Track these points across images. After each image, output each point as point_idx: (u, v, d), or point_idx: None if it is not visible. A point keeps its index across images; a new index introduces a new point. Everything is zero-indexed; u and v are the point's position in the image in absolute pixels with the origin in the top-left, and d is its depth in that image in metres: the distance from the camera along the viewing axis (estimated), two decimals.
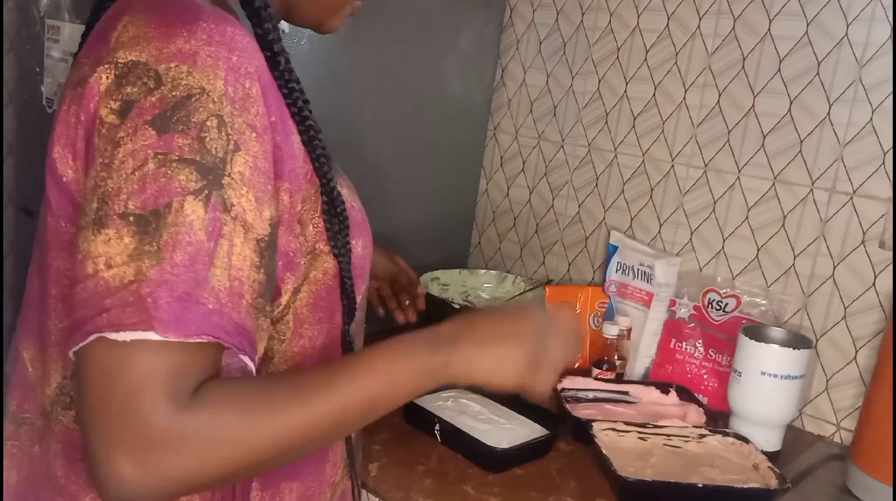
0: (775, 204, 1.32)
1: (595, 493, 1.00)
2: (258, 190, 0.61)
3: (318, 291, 0.72)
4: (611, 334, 1.33)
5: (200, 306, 0.56)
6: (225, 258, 0.58)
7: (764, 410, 1.13)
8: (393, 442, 1.08)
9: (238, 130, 0.60)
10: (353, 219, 0.74)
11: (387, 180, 1.49)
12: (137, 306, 0.54)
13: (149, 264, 0.55)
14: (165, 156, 0.57)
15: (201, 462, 0.55)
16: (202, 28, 0.61)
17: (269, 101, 0.64)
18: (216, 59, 0.60)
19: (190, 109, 0.59)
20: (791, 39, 1.28)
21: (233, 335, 0.58)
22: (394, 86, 1.46)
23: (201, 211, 0.57)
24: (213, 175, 0.58)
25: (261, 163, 0.61)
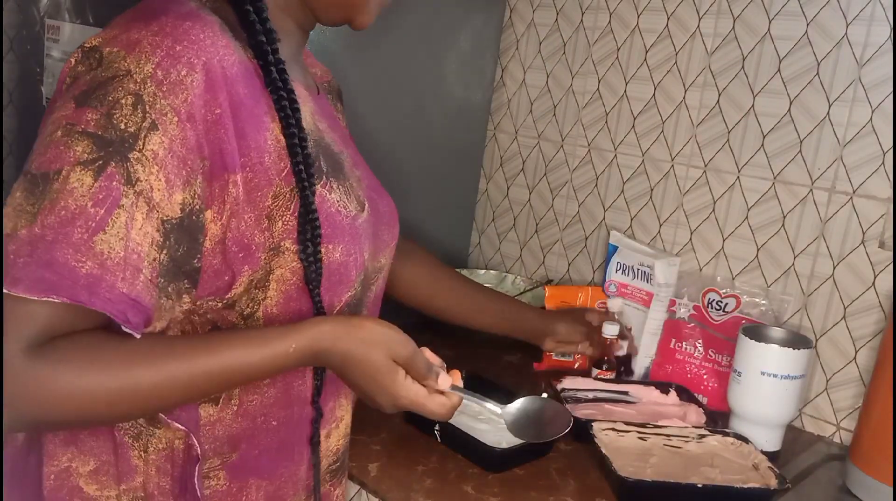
0: (775, 204, 1.32)
1: (595, 493, 1.01)
2: (170, 172, 0.63)
3: (287, 291, 0.72)
4: (611, 334, 1.33)
5: (66, 267, 0.59)
6: (122, 229, 0.61)
7: (764, 410, 1.13)
8: (393, 442, 1.08)
9: (159, 110, 0.63)
10: (334, 222, 0.74)
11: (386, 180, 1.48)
12: (3, 261, 0.60)
13: (23, 223, 0.60)
14: (72, 127, 0.63)
15: (38, 406, 0.60)
16: (159, 21, 0.65)
17: (218, 94, 0.65)
18: (155, 46, 0.64)
19: (109, 88, 0.63)
20: (791, 39, 1.28)
21: (110, 301, 0.61)
22: (394, 86, 1.46)
23: (89, 180, 0.60)
24: (114, 148, 0.61)
25: (177, 147, 0.63)
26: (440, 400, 0.78)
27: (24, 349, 0.59)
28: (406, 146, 1.51)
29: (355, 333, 0.73)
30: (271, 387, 0.76)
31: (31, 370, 0.59)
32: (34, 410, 0.61)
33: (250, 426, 0.75)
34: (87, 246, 0.60)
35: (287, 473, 0.79)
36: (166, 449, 0.72)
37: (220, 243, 0.67)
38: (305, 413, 0.79)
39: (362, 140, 1.43)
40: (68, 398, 0.61)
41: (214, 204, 0.66)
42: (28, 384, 0.59)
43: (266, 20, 0.71)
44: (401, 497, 0.95)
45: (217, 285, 0.69)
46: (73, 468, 0.71)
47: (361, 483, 0.99)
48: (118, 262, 0.61)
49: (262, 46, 0.70)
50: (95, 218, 0.60)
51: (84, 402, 0.62)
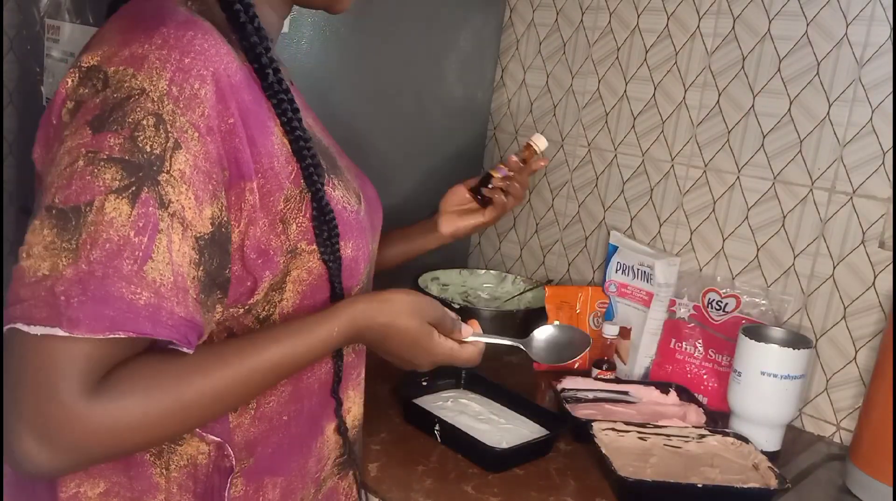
0: (775, 204, 1.32)
1: (595, 493, 1.00)
2: (198, 188, 0.62)
3: (303, 291, 0.73)
4: (610, 334, 1.33)
5: (123, 301, 0.58)
6: (165, 253, 0.60)
7: (764, 410, 1.13)
8: (393, 442, 1.08)
9: (180, 128, 0.61)
10: (343, 219, 0.75)
11: (386, 180, 1.49)
12: (48, 302, 0.57)
13: (65, 261, 0.58)
14: (95, 154, 0.60)
15: (107, 445, 0.59)
16: (160, 33, 0.63)
17: (229, 103, 0.64)
18: (164, 61, 0.62)
19: (127, 110, 0.61)
20: (791, 39, 1.28)
21: (172, 327, 0.60)
22: (394, 86, 1.46)
23: (126, 208, 0.59)
24: (143, 172, 0.60)
25: (201, 163, 0.62)
26: (469, 349, 0.84)
27: (82, 390, 0.57)
28: (406, 146, 1.51)
29: (390, 306, 0.76)
30: (287, 385, 0.76)
31: (97, 408, 0.58)
32: (106, 447, 0.60)
33: (267, 428, 0.76)
34: (139, 276, 0.59)
35: (297, 466, 0.79)
36: (188, 466, 0.71)
37: (239, 250, 0.67)
38: (314, 406, 0.80)
39: (362, 140, 1.44)
40: (140, 425, 0.60)
41: (232, 212, 0.66)
42: (96, 424, 0.58)
43: (255, 17, 0.70)
44: (401, 497, 0.95)
45: (240, 291, 0.69)
46: (81, 493, 0.70)
47: (361, 483, 0.99)
48: (170, 287, 0.60)
49: (256, 48, 0.69)
50: (141, 247, 0.59)
51: (155, 426, 0.61)
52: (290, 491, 0.79)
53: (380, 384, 1.25)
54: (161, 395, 0.61)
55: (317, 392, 0.80)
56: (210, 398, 0.64)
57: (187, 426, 0.66)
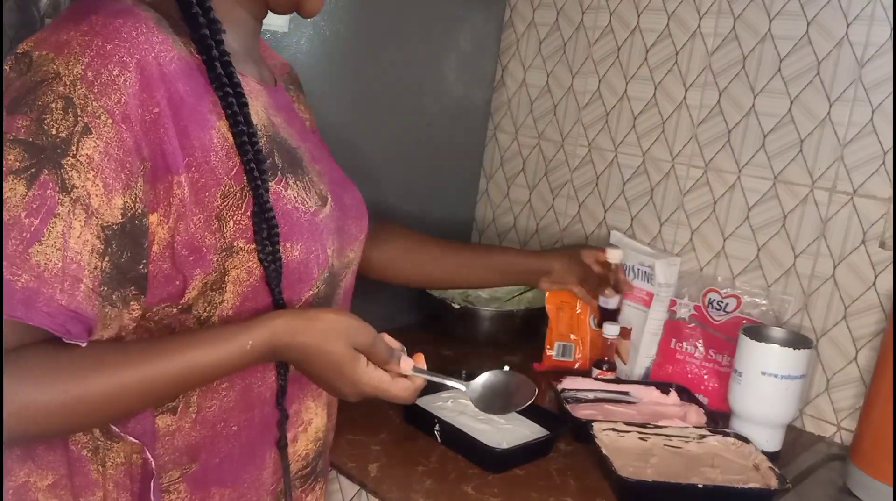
0: (775, 204, 1.32)
1: (595, 493, 1.00)
2: (108, 176, 0.61)
3: (244, 292, 0.71)
4: (611, 334, 1.33)
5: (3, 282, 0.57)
6: (59, 238, 0.59)
7: (764, 410, 1.13)
8: (393, 442, 1.08)
9: (91, 113, 0.60)
10: (291, 219, 0.72)
11: (386, 180, 1.49)
12: None
13: None
14: (3, 136, 0.59)
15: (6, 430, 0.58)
16: (88, 20, 0.62)
17: (155, 93, 0.63)
18: (84, 46, 0.61)
19: (38, 93, 0.60)
20: (791, 39, 1.28)
21: (48, 315, 0.59)
22: (394, 86, 1.46)
23: (22, 189, 0.58)
24: (45, 155, 0.59)
25: (114, 150, 0.61)
26: (403, 384, 0.78)
27: None
28: (406, 146, 1.51)
29: (313, 324, 0.72)
30: (230, 391, 0.74)
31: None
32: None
33: (210, 434, 0.73)
34: (23, 258, 0.58)
35: (250, 479, 0.77)
36: (124, 464, 0.70)
37: (169, 246, 0.65)
38: (266, 415, 0.77)
39: (362, 140, 1.44)
40: (23, 413, 0.59)
41: (160, 207, 0.64)
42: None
43: (209, 10, 0.69)
44: (401, 497, 0.95)
45: (169, 290, 0.67)
46: (30, 482, 0.69)
47: (361, 483, 0.99)
48: (56, 273, 0.59)
49: (206, 40, 0.68)
50: (30, 228, 0.58)
51: (39, 416, 0.60)
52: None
53: None
54: (48, 386, 0.60)
55: (268, 400, 0.77)
56: (99, 398, 0.62)
57: (78, 423, 0.64)
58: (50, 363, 0.61)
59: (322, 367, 0.73)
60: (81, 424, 0.65)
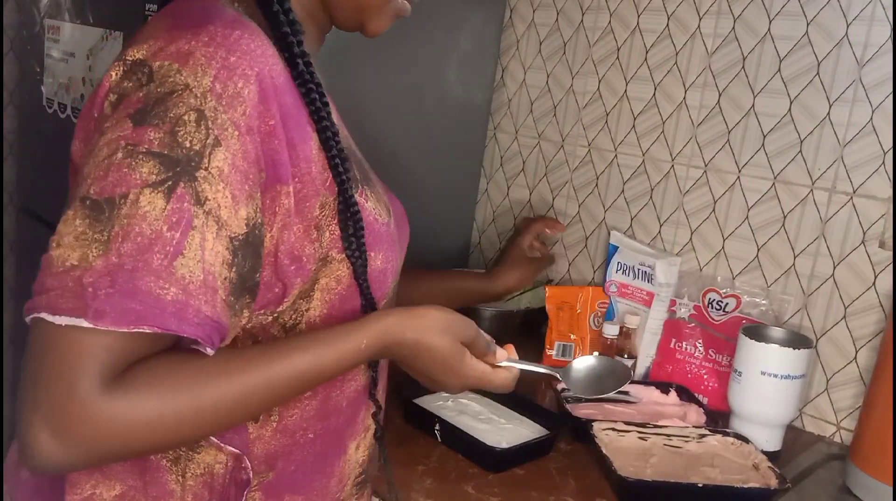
0: (775, 204, 1.32)
1: (595, 493, 1.00)
2: (235, 188, 0.62)
3: (331, 300, 0.72)
4: (611, 334, 1.33)
5: (150, 295, 0.57)
6: (197, 250, 0.59)
7: (764, 410, 1.13)
8: (393, 442, 1.08)
9: (221, 125, 0.61)
10: (374, 230, 0.74)
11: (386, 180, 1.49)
12: (75, 293, 0.56)
13: (95, 252, 0.57)
14: (134, 147, 0.59)
15: (120, 442, 0.58)
16: (207, 31, 0.63)
17: (270, 105, 0.64)
18: (210, 58, 0.62)
19: (169, 104, 0.60)
20: (791, 39, 1.28)
21: (197, 326, 0.59)
22: (394, 86, 1.46)
23: (161, 202, 0.58)
24: (181, 168, 0.59)
25: (240, 162, 0.62)
26: (503, 374, 0.81)
27: (100, 385, 0.56)
28: (406, 146, 1.51)
29: (422, 322, 0.74)
30: (312, 400, 0.75)
31: (112, 404, 0.57)
32: (118, 445, 0.58)
33: (289, 442, 0.74)
34: (168, 272, 0.58)
35: (319, 486, 0.78)
36: (205, 475, 0.70)
37: (271, 255, 0.66)
38: (340, 424, 0.78)
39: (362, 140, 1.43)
40: (155, 425, 0.59)
41: (266, 215, 0.65)
42: (110, 420, 0.57)
43: (290, 11, 0.70)
44: (401, 497, 0.95)
45: (268, 297, 0.68)
46: (96, 494, 0.69)
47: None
48: (199, 285, 0.59)
49: (288, 38, 0.68)
50: (172, 242, 0.58)
51: (171, 427, 0.60)
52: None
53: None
54: (179, 395, 0.60)
55: (344, 411, 0.78)
56: (228, 403, 0.63)
57: (203, 431, 0.64)
58: (177, 372, 0.61)
59: (430, 362, 0.75)
60: (212, 429, 0.65)
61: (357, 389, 0.79)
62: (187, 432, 0.62)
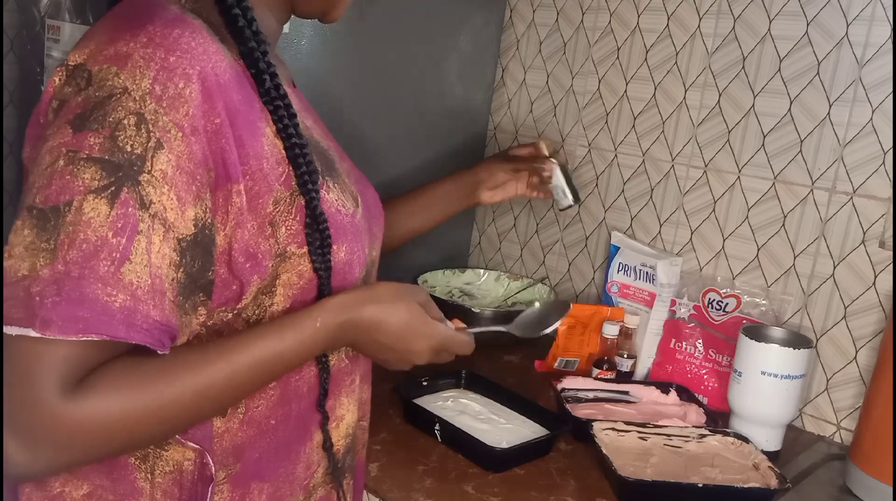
0: (775, 204, 1.32)
1: (595, 493, 1.00)
2: (180, 189, 0.61)
3: (294, 295, 0.72)
4: (611, 334, 1.33)
5: (98, 303, 0.57)
6: (144, 255, 0.59)
7: (764, 410, 1.13)
8: (393, 442, 1.08)
9: (162, 128, 0.61)
10: (336, 222, 0.74)
11: (387, 180, 1.49)
12: (24, 303, 0.57)
13: (42, 262, 0.57)
14: (75, 154, 0.59)
15: (90, 445, 0.59)
16: (146, 31, 0.62)
17: (215, 103, 0.63)
18: (148, 59, 0.61)
19: (108, 109, 0.60)
20: (791, 39, 1.28)
21: (146, 331, 0.59)
22: (394, 86, 1.46)
23: (105, 208, 0.58)
24: (123, 172, 0.59)
25: (185, 163, 0.62)
26: (464, 336, 0.83)
27: (60, 394, 0.56)
28: (406, 146, 1.51)
29: (374, 293, 0.75)
30: (276, 388, 0.75)
31: (76, 408, 0.57)
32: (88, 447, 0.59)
33: (255, 433, 0.74)
34: (116, 278, 0.58)
35: (285, 472, 0.78)
36: (174, 472, 0.70)
37: (226, 253, 0.66)
38: (302, 410, 0.78)
39: (362, 140, 1.44)
40: (122, 424, 0.60)
41: (218, 214, 0.65)
42: (76, 424, 0.57)
43: (253, 21, 0.69)
44: (401, 497, 0.95)
45: (226, 295, 0.68)
46: (65, 492, 0.69)
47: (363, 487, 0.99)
48: (147, 290, 0.59)
49: (254, 53, 0.68)
50: (118, 248, 0.58)
51: (137, 425, 0.61)
52: (276, 498, 0.77)
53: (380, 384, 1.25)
54: (142, 394, 0.61)
55: (305, 396, 0.78)
56: (192, 397, 0.63)
57: (171, 427, 0.65)
58: (138, 371, 0.61)
59: (395, 329, 0.75)
60: (179, 425, 0.66)
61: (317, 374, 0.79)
62: (154, 429, 0.63)
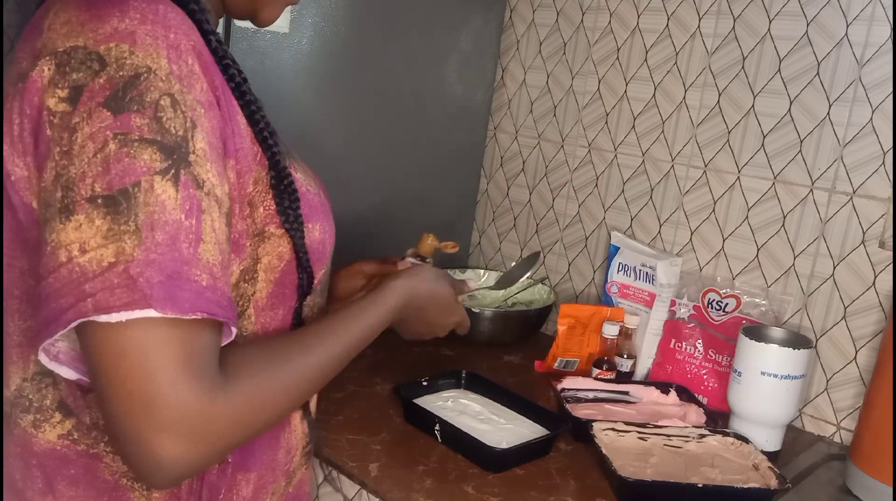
0: (775, 204, 1.32)
1: (595, 493, 1.00)
2: (217, 165, 0.62)
3: (275, 278, 0.72)
4: (611, 334, 1.33)
5: (193, 283, 0.57)
6: (211, 233, 0.59)
7: (764, 410, 1.13)
8: (393, 442, 1.08)
9: (190, 107, 0.60)
10: (308, 201, 0.74)
11: (386, 180, 1.49)
12: (128, 287, 0.54)
13: (132, 244, 0.55)
14: (125, 136, 0.57)
15: (243, 431, 0.61)
16: (133, 6, 0.60)
17: (211, 76, 0.63)
18: (154, 37, 0.59)
19: (141, 89, 0.58)
20: (791, 39, 1.28)
21: (227, 308, 0.60)
22: (394, 86, 1.46)
23: (172, 191, 0.57)
24: (177, 154, 0.58)
25: (212, 139, 0.62)
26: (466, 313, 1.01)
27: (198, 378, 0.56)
28: (406, 146, 1.51)
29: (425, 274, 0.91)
30: None
31: (229, 399, 0.58)
32: (239, 434, 0.61)
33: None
34: (196, 259, 0.57)
35: (268, 460, 0.78)
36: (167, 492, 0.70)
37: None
38: None
39: (363, 140, 1.44)
40: (268, 403, 0.63)
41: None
42: (231, 413, 0.58)
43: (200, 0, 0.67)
44: (401, 497, 0.95)
45: None
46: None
47: (361, 483, 0.99)
48: (219, 268, 0.59)
49: (196, 15, 0.65)
50: (192, 230, 0.58)
51: (280, 402, 0.65)
52: (261, 486, 0.77)
53: (380, 384, 1.25)
54: (274, 376, 0.64)
55: None
56: (312, 374, 0.69)
57: (300, 401, 0.71)
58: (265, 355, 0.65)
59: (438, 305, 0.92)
60: (298, 403, 0.71)
61: None
62: (290, 404, 0.68)
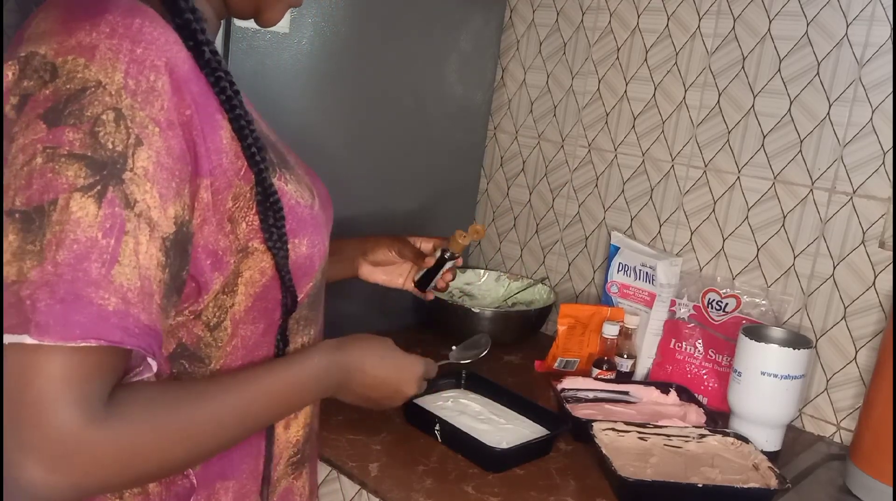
0: (775, 204, 1.32)
1: (595, 493, 1.01)
2: (162, 186, 0.59)
3: (256, 292, 0.71)
4: (611, 334, 1.33)
5: (94, 306, 0.54)
6: (132, 257, 0.57)
7: (764, 410, 1.13)
8: (393, 442, 1.08)
9: (140, 123, 0.58)
10: (297, 215, 0.72)
11: (387, 180, 1.49)
12: (17, 308, 0.53)
13: (30, 264, 0.54)
14: (54, 150, 0.56)
15: (118, 472, 0.57)
16: (106, 20, 0.59)
17: (184, 94, 0.61)
18: (116, 51, 0.58)
19: (84, 103, 0.57)
20: (791, 39, 1.28)
21: (139, 336, 0.57)
22: (394, 86, 1.46)
23: (93, 208, 0.55)
24: (108, 170, 0.57)
25: (164, 159, 0.59)
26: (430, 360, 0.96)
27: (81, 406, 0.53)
28: (406, 146, 1.51)
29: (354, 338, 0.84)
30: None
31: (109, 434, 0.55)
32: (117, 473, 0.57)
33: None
34: (107, 281, 0.55)
35: (248, 468, 0.77)
36: (141, 493, 0.70)
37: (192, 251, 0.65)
38: None
39: (363, 140, 1.44)
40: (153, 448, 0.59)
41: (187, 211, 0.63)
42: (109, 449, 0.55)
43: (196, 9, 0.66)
44: (401, 497, 0.95)
45: (186, 293, 0.66)
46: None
47: (362, 483, 0.99)
48: (137, 293, 0.57)
49: (191, 25, 0.64)
50: (108, 250, 0.55)
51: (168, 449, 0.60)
52: (242, 495, 0.76)
53: None
54: (172, 417, 0.60)
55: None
56: (208, 423, 0.63)
57: (195, 454, 0.64)
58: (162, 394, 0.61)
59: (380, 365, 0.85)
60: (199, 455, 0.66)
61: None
62: (183, 454, 0.62)
